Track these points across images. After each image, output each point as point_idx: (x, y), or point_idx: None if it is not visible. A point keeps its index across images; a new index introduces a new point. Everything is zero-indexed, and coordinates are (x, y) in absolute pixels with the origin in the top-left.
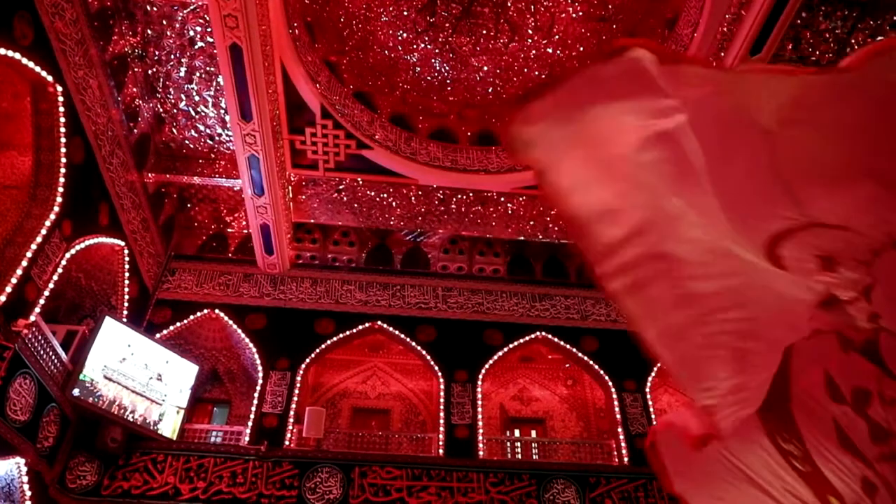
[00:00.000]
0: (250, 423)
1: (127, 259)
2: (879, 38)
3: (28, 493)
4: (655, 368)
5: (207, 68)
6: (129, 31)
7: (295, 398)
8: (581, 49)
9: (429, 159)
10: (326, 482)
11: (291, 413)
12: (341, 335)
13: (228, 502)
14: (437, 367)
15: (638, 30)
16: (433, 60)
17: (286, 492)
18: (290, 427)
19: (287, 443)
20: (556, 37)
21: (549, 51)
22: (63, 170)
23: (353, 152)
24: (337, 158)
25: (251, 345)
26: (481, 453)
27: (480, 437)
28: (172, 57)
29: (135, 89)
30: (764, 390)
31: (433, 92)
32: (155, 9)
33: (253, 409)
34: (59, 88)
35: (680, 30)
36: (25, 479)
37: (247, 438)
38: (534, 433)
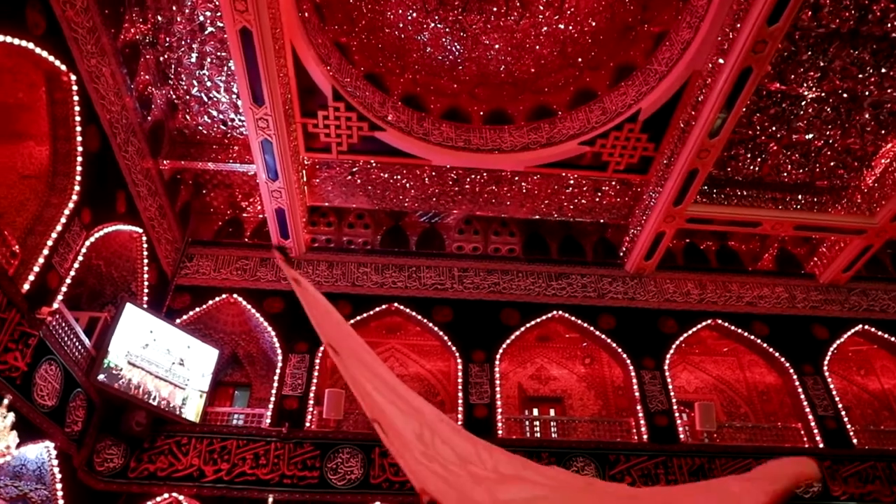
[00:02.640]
0: (271, 406)
1: (145, 246)
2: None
3: (58, 476)
4: (674, 346)
5: (218, 53)
6: (139, 19)
7: (314, 380)
8: (593, 24)
9: (441, 140)
10: (347, 462)
11: (311, 395)
12: (358, 317)
13: (252, 483)
14: (454, 348)
15: (651, 2)
16: (443, 40)
17: (308, 472)
18: (311, 409)
19: (308, 424)
20: (569, 12)
21: (561, 27)
22: (80, 158)
23: (366, 134)
24: (350, 141)
25: (270, 328)
26: (500, 432)
27: (499, 417)
28: (183, 43)
29: (147, 77)
30: None
31: (444, 72)
32: None
33: (273, 391)
34: (73, 77)
35: (695, 1)
36: (55, 462)
37: (268, 421)
38: (552, 412)
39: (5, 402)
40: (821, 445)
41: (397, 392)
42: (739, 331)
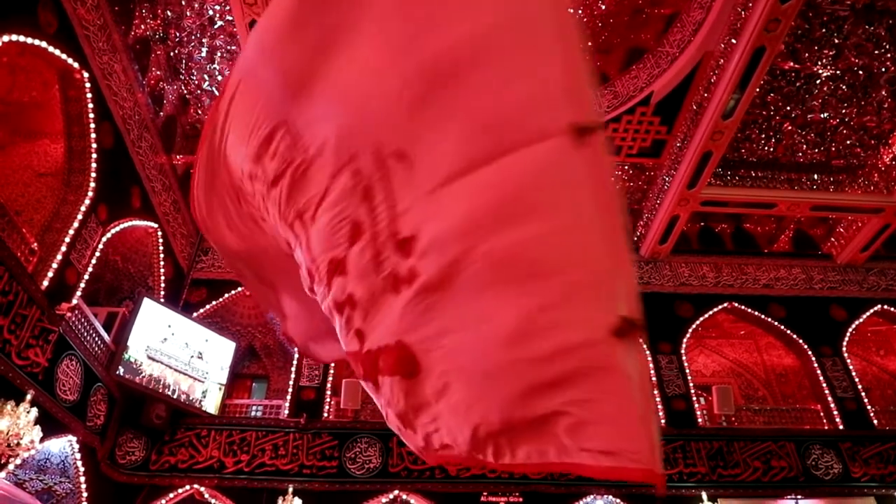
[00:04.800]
0: (288, 397)
1: (161, 241)
2: None
3: (81, 470)
4: (690, 330)
5: (228, 47)
6: (149, 15)
7: (331, 371)
8: (603, 7)
9: None
10: (366, 452)
11: (328, 385)
12: None
13: (272, 474)
14: None
15: None
16: None
17: (327, 462)
18: (328, 399)
19: (325, 415)
20: None
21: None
22: (94, 155)
23: None
24: None
25: None
26: None
27: None
28: (193, 38)
29: (158, 72)
30: None
31: None
32: None
33: (290, 382)
34: (86, 75)
35: None
36: (78, 455)
37: (286, 411)
38: None
39: (28, 397)
40: (840, 427)
41: None
42: (756, 313)
